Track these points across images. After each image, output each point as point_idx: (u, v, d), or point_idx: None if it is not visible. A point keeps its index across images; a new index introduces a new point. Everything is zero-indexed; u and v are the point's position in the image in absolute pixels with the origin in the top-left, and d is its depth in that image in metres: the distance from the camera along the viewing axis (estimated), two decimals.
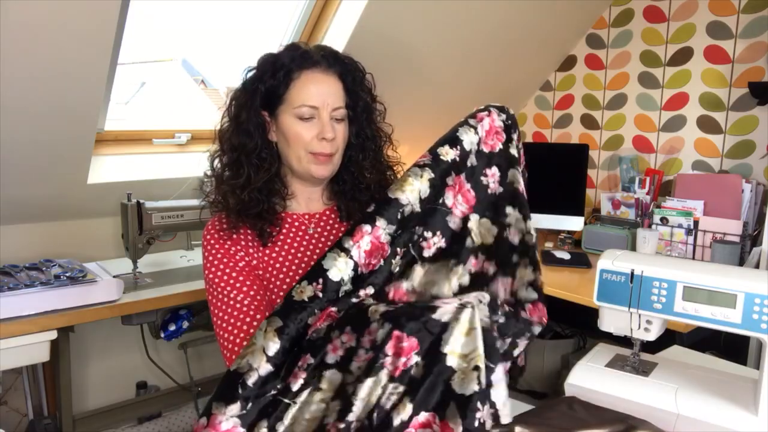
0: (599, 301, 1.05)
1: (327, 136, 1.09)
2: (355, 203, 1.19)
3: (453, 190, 1.08)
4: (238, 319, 1.05)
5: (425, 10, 2.05)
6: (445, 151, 1.08)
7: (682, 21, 2.30)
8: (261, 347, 0.90)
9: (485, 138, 1.12)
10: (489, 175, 1.11)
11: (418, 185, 1.04)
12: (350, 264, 0.97)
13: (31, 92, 1.54)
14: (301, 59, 1.11)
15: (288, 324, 0.92)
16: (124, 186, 1.92)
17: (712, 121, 2.25)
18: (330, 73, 1.12)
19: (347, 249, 0.98)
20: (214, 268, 1.10)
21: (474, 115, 1.13)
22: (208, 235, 1.14)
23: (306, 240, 1.17)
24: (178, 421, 2.24)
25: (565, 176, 2.39)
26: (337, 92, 1.12)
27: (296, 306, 0.94)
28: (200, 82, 4.59)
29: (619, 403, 0.99)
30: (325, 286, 0.96)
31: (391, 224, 1.01)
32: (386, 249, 1.01)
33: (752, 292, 0.89)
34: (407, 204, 1.03)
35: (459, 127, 1.11)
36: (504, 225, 1.10)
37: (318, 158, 1.12)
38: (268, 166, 1.13)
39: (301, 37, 2.13)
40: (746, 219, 2.05)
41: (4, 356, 1.50)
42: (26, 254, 1.92)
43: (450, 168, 1.08)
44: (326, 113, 1.10)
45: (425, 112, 2.50)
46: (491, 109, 1.14)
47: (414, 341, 0.84)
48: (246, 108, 1.12)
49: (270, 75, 1.11)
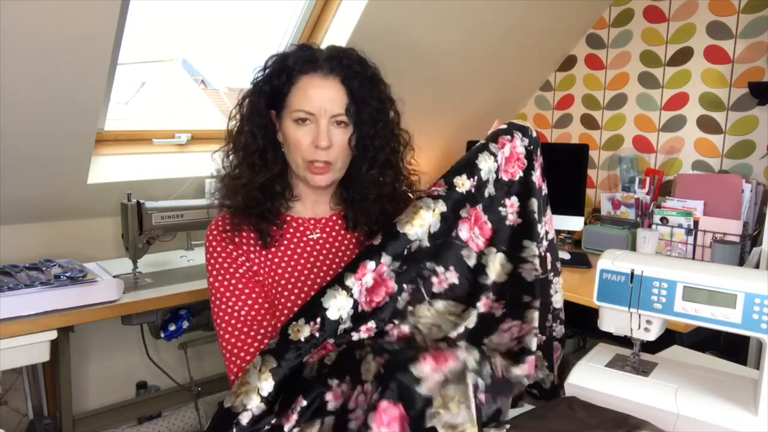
0: (599, 301, 1.04)
1: (321, 144, 1.05)
2: (362, 213, 1.15)
3: (468, 222, 1.03)
4: (241, 331, 1.06)
5: (425, 10, 2.05)
6: (461, 181, 1.02)
7: (682, 21, 2.30)
8: (255, 387, 0.91)
9: (505, 165, 1.06)
10: (508, 206, 1.06)
11: (429, 219, 1.00)
12: (350, 302, 0.95)
13: (31, 92, 1.54)
14: (304, 62, 1.07)
15: (282, 364, 0.92)
16: (124, 186, 1.92)
17: (712, 121, 2.25)
18: (331, 79, 1.07)
19: (348, 287, 0.95)
20: (217, 273, 1.10)
21: (495, 139, 1.07)
22: (211, 236, 1.12)
23: (310, 245, 1.14)
24: (178, 421, 2.24)
25: (565, 176, 2.39)
26: (338, 98, 1.07)
27: (291, 346, 0.93)
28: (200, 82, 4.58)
29: (619, 403, 0.99)
30: (323, 325, 0.93)
31: (396, 260, 0.98)
32: (390, 286, 0.98)
33: (752, 292, 0.89)
34: (415, 240, 0.99)
35: (479, 153, 1.05)
36: (519, 261, 1.03)
37: (313, 168, 1.08)
38: (270, 167, 1.10)
39: (300, 37, 2.13)
40: (746, 219, 2.05)
41: (4, 356, 1.50)
42: (26, 254, 1.92)
43: (464, 200, 1.03)
44: (324, 120, 1.06)
45: (425, 113, 2.50)
46: (515, 133, 1.07)
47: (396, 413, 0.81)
48: (252, 108, 1.10)
49: (276, 75, 1.08)
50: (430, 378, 0.81)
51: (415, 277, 1.00)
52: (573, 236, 2.41)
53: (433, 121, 2.65)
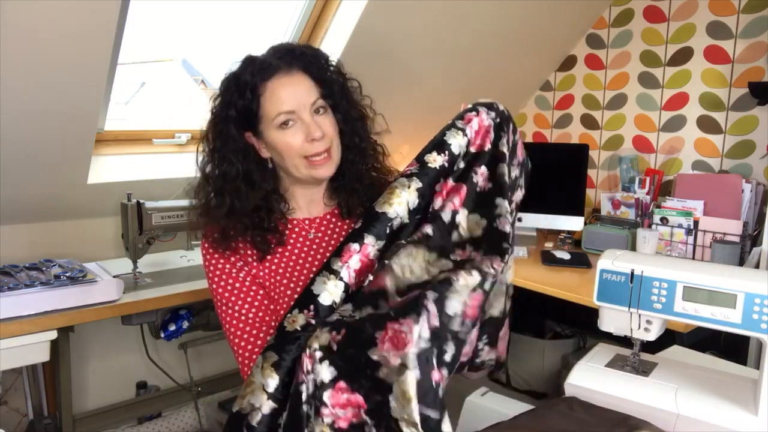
0: (599, 301, 1.05)
1: (315, 136, 1.06)
2: (355, 197, 1.17)
3: (441, 195, 1.05)
4: (250, 333, 1.06)
5: (425, 10, 2.05)
6: (432, 158, 1.03)
7: (682, 21, 2.30)
8: (260, 385, 0.90)
9: (474, 139, 1.07)
10: (479, 174, 1.07)
11: (405, 196, 1.01)
12: (340, 285, 0.95)
13: (31, 92, 1.54)
14: (260, 71, 1.07)
15: (284, 357, 0.91)
16: (124, 186, 1.92)
17: (712, 121, 2.25)
18: (293, 73, 1.08)
19: (336, 271, 0.96)
20: (218, 279, 1.10)
21: (462, 116, 1.08)
22: (207, 243, 1.12)
23: (307, 246, 1.15)
24: (178, 421, 2.24)
25: (565, 176, 2.39)
26: (308, 88, 1.08)
27: (289, 337, 0.92)
28: (200, 82, 4.57)
29: (619, 403, 0.99)
30: (317, 312, 0.94)
31: (380, 240, 0.98)
32: (377, 265, 0.98)
33: (752, 292, 0.89)
34: (395, 217, 1.00)
35: (446, 131, 1.06)
36: (494, 216, 1.04)
37: (314, 161, 1.08)
38: (262, 186, 1.10)
39: (301, 37, 2.13)
40: (746, 219, 2.05)
41: (4, 356, 1.50)
42: (26, 254, 1.92)
43: (438, 174, 1.04)
44: (306, 113, 1.07)
45: (424, 112, 2.50)
46: (479, 108, 1.09)
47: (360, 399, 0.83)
48: (222, 136, 1.09)
49: (238, 96, 1.07)
50: (390, 364, 0.82)
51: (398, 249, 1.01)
52: (573, 236, 2.41)
53: (433, 121, 2.65)
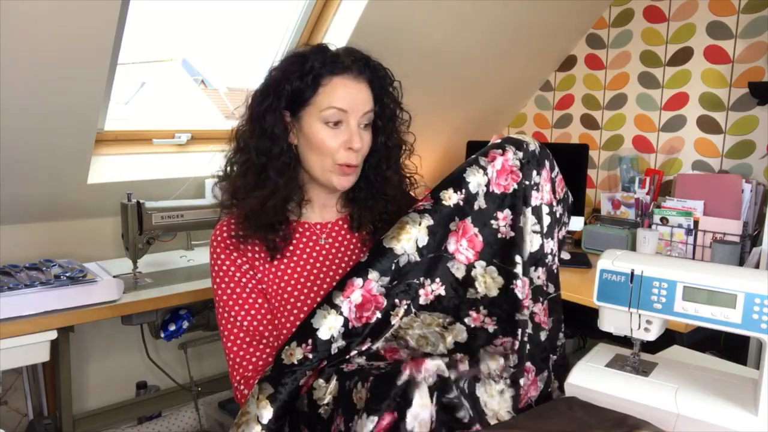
0: (599, 301, 1.04)
1: (354, 146, 1.05)
2: (368, 212, 1.15)
3: (456, 235, 1.02)
4: (243, 341, 1.07)
5: (425, 10, 2.05)
6: (448, 195, 1.01)
7: (682, 21, 2.30)
8: (255, 416, 0.91)
9: (496, 178, 1.03)
10: (500, 219, 1.04)
11: (415, 233, 0.99)
12: (340, 320, 0.95)
13: (31, 92, 1.54)
14: (332, 64, 1.05)
15: (279, 390, 0.92)
16: (124, 186, 1.92)
17: (712, 121, 2.25)
18: (361, 80, 1.07)
19: (337, 305, 0.95)
20: (221, 281, 1.09)
21: (486, 153, 1.05)
22: (215, 242, 1.11)
23: (316, 251, 1.14)
24: (178, 421, 2.24)
25: (565, 176, 2.36)
26: (367, 99, 1.08)
27: (286, 370, 0.93)
28: (200, 82, 4.58)
29: (619, 403, 0.99)
30: (314, 346, 0.93)
31: (384, 276, 0.97)
32: (380, 301, 0.98)
33: (752, 292, 0.89)
34: (402, 254, 0.98)
35: (467, 167, 1.03)
36: (511, 278, 1.01)
37: (343, 170, 1.07)
38: (291, 172, 1.08)
39: (301, 37, 2.13)
40: (746, 219, 2.05)
41: (4, 356, 1.50)
42: (26, 254, 1.92)
43: (453, 213, 1.02)
44: (354, 120, 1.06)
45: (424, 113, 2.50)
46: (507, 147, 1.05)
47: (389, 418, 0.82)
48: (271, 110, 1.06)
49: (297, 77, 1.05)
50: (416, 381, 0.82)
51: (404, 291, 1.00)
52: (573, 236, 2.41)
53: (433, 122, 2.65)
